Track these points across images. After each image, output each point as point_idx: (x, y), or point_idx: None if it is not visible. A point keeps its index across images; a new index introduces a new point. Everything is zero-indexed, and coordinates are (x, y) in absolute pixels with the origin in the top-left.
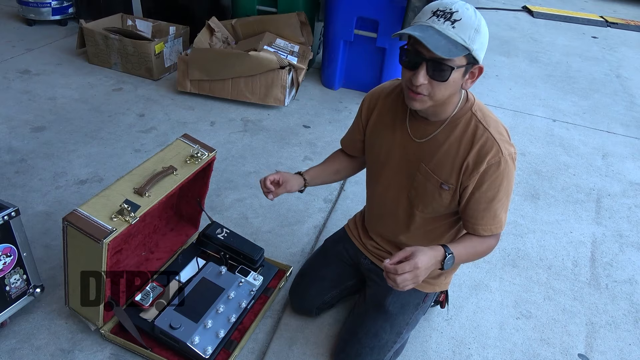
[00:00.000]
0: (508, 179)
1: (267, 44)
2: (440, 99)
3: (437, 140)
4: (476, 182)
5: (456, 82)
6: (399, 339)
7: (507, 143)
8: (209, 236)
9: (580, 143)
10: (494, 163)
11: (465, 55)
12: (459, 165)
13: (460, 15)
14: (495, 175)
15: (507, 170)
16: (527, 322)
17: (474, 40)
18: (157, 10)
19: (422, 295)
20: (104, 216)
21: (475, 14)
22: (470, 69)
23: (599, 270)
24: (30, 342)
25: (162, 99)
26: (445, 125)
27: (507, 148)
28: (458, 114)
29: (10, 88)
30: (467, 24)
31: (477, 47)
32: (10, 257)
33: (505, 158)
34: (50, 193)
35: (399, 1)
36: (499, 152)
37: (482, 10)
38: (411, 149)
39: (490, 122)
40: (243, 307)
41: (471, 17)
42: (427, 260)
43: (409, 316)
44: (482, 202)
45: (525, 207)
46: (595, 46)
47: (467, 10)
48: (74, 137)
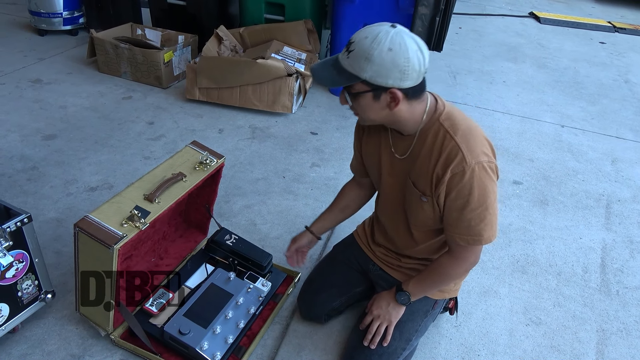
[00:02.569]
0: (480, 189)
1: (275, 52)
2: (368, 120)
3: (413, 153)
4: (445, 192)
5: (372, 105)
6: (408, 345)
7: (477, 151)
8: (217, 242)
9: (589, 149)
10: (458, 172)
11: (364, 82)
12: (430, 176)
13: (354, 46)
14: (461, 184)
15: (475, 179)
16: (537, 328)
17: (364, 68)
18: (166, 19)
19: (431, 302)
20: (115, 222)
21: (372, 43)
22: (380, 94)
23: (610, 276)
24: (42, 348)
25: (171, 107)
26: (416, 138)
27: (475, 156)
28: (426, 126)
29: (22, 97)
30: (358, 53)
31: (371, 74)
32: (23, 263)
33: (470, 166)
34: (61, 200)
35: (406, 9)
36: (462, 161)
37: (489, 17)
38: (396, 165)
39: (458, 130)
40: (252, 313)
41: (364, 48)
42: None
43: (418, 323)
44: (454, 210)
45: (534, 213)
46: (603, 52)
47: (365, 39)
48: (85, 144)
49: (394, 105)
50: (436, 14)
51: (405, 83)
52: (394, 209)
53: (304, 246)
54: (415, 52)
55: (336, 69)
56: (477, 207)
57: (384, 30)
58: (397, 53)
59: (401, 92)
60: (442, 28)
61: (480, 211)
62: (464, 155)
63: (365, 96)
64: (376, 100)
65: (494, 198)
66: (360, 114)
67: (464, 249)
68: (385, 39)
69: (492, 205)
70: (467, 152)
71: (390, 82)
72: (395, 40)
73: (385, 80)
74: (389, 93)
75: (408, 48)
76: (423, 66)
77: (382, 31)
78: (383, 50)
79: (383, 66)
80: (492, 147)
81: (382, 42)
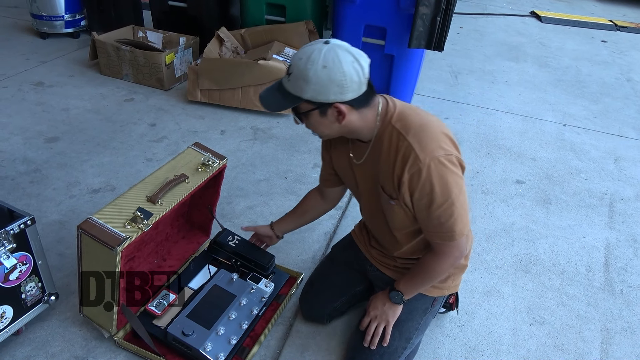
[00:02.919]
0: (441, 184)
1: (276, 53)
2: (323, 135)
3: (374, 158)
4: (409, 192)
5: (321, 121)
6: (409, 344)
7: (431, 147)
8: (220, 244)
9: (591, 147)
10: (415, 172)
11: (307, 102)
12: (392, 179)
13: (292, 69)
14: (421, 183)
15: (433, 176)
16: (540, 328)
17: (304, 89)
18: (167, 21)
19: (430, 299)
20: (118, 224)
21: (306, 64)
22: (326, 110)
23: (613, 275)
24: (45, 350)
25: (172, 109)
26: (372, 144)
27: (429, 152)
28: (380, 130)
29: (24, 100)
30: (296, 75)
31: (311, 94)
32: (26, 265)
33: (425, 164)
34: (64, 202)
35: (407, 9)
36: (417, 160)
37: (490, 17)
38: (364, 171)
39: (410, 129)
40: (255, 314)
41: (300, 69)
42: (378, 303)
43: (417, 321)
44: (422, 210)
45: (537, 213)
46: (605, 50)
47: (300, 60)
48: (87, 147)
49: (342, 118)
50: (437, 13)
51: (347, 95)
52: (373, 214)
53: (262, 237)
54: (351, 64)
55: (281, 93)
56: (442, 203)
57: (317, 49)
58: (331, 69)
59: (345, 104)
60: (443, 28)
61: (447, 207)
62: (417, 154)
63: (312, 114)
64: (323, 116)
65: (458, 190)
66: (315, 131)
67: (442, 245)
68: (319, 57)
69: (459, 198)
70: (419, 150)
71: (332, 98)
72: (328, 56)
73: (326, 97)
74: (333, 108)
75: (342, 62)
76: (362, 76)
77: (315, 50)
78: (317, 68)
79: (320, 84)
80: (451, 139)
81: (315, 61)
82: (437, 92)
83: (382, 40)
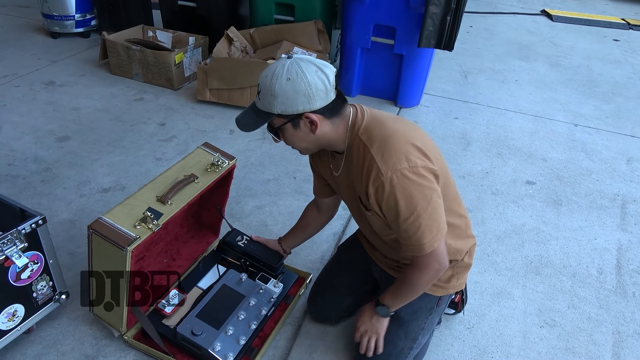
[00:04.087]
0: (405, 198)
1: (285, 53)
2: (302, 149)
3: (349, 170)
4: (377, 205)
5: (296, 134)
6: (415, 344)
7: (394, 160)
8: (229, 243)
9: (603, 148)
10: (378, 185)
11: (279, 116)
12: (363, 191)
13: (260, 87)
14: (385, 197)
15: (396, 190)
16: (551, 330)
17: (273, 104)
18: (176, 21)
19: (434, 299)
20: (128, 224)
21: (271, 80)
22: (298, 122)
23: (626, 277)
24: (56, 348)
25: (182, 108)
26: (345, 155)
27: (392, 166)
28: (350, 142)
29: (36, 99)
30: (264, 93)
31: (281, 107)
32: (37, 264)
33: (387, 177)
34: (75, 201)
35: (417, 8)
36: (379, 174)
37: (500, 15)
38: (340, 181)
39: (374, 142)
40: (263, 314)
41: (267, 86)
42: (366, 317)
43: (422, 321)
44: (391, 222)
45: (548, 214)
46: (617, 49)
47: (266, 77)
48: (97, 146)
49: (315, 128)
50: (447, 12)
51: (316, 104)
52: (360, 221)
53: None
54: (314, 73)
55: (254, 112)
56: (407, 216)
57: (280, 64)
58: (295, 80)
59: (316, 114)
60: (453, 27)
61: (413, 220)
62: (379, 168)
63: (285, 128)
64: (297, 128)
65: (425, 202)
66: (293, 146)
67: (417, 258)
68: (282, 71)
69: (425, 210)
70: (381, 164)
71: (301, 108)
72: (291, 69)
73: (295, 108)
74: (304, 118)
75: (305, 72)
76: (328, 83)
77: (279, 65)
78: (282, 82)
79: (287, 97)
80: (419, 148)
81: (279, 76)
82: (446, 92)
83: (392, 40)
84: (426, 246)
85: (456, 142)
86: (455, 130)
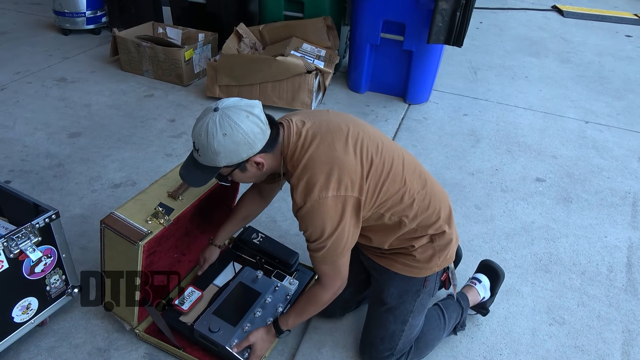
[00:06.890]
0: (313, 226)
1: (294, 49)
2: (250, 182)
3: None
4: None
5: (245, 176)
6: (407, 326)
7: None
8: (245, 241)
9: (614, 145)
10: (296, 210)
11: (225, 167)
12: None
13: (197, 145)
14: (299, 221)
15: (307, 217)
16: (560, 328)
17: (216, 160)
18: (186, 17)
19: (420, 280)
20: (140, 219)
21: (207, 138)
22: (244, 166)
23: (636, 275)
24: (69, 341)
25: (191, 105)
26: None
27: (305, 196)
28: (288, 172)
29: (48, 95)
30: (204, 151)
31: (225, 160)
32: (51, 258)
33: (300, 206)
34: (87, 197)
35: (426, 4)
36: (295, 201)
37: (510, 11)
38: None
39: (296, 169)
40: (280, 312)
41: (205, 145)
42: (258, 336)
43: (411, 304)
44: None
45: (558, 211)
46: (629, 45)
47: (200, 136)
48: (108, 142)
49: (262, 167)
50: (457, 8)
51: (257, 147)
52: None
53: (206, 255)
54: (247, 119)
55: (199, 168)
56: (313, 241)
57: (210, 120)
58: (231, 134)
59: (259, 154)
60: (462, 23)
61: (317, 245)
62: (295, 197)
63: (234, 174)
64: (244, 171)
65: (329, 234)
66: (243, 182)
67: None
68: (215, 128)
69: (329, 239)
70: (297, 194)
71: (245, 155)
72: (224, 124)
73: (239, 157)
74: (250, 162)
75: (238, 122)
76: (262, 123)
77: (209, 122)
78: (219, 139)
79: (229, 150)
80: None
81: (214, 134)
82: (456, 88)
83: (401, 36)
84: (320, 272)
85: (465, 139)
86: (465, 127)
